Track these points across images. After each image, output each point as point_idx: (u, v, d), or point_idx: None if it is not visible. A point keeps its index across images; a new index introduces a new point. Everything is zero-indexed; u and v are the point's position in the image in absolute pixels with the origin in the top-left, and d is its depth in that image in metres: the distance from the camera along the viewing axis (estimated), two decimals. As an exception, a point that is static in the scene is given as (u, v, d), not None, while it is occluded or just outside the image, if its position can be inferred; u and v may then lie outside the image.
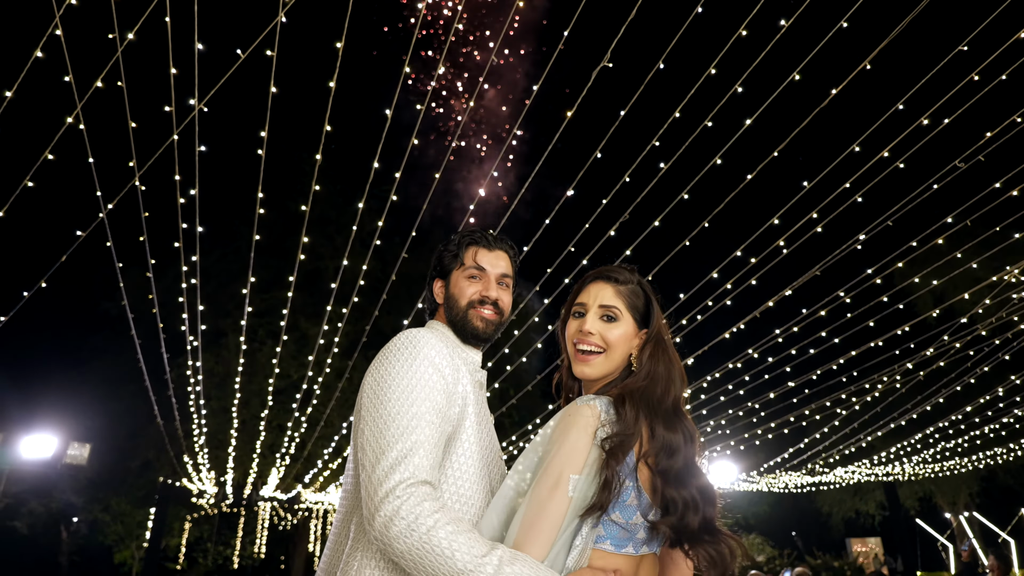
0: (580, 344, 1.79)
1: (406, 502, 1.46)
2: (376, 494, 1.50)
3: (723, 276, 6.54)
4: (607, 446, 1.53)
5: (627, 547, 1.54)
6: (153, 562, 15.78)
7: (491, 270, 2.00)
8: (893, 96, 4.74)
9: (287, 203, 19.11)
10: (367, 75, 26.12)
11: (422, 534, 1.42)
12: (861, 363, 9.11)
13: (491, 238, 2.06)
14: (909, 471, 18.26)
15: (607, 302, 1.80)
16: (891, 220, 5.85)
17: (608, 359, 1.77)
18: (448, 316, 2.00)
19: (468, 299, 1.96)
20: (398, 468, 1.52)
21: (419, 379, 1.67)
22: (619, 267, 1.90)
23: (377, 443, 1.58)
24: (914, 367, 9.20)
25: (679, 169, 5.36)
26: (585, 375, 1.78)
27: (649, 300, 1.86)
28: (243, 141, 7.97)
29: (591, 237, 5.89)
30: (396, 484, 1.49)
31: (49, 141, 4.11)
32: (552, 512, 1.47)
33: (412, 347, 1.74)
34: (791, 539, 28.21)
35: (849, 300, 7.03)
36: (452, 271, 2.03)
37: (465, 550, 1.40)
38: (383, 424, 1.60)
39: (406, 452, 1.55)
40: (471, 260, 2.00)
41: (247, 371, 15.84)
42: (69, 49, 3.71)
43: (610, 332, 1.77)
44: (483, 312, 1.96)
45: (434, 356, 1.73)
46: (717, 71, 4.53)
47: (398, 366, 1.70)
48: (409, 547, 1.42)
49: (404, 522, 1.43)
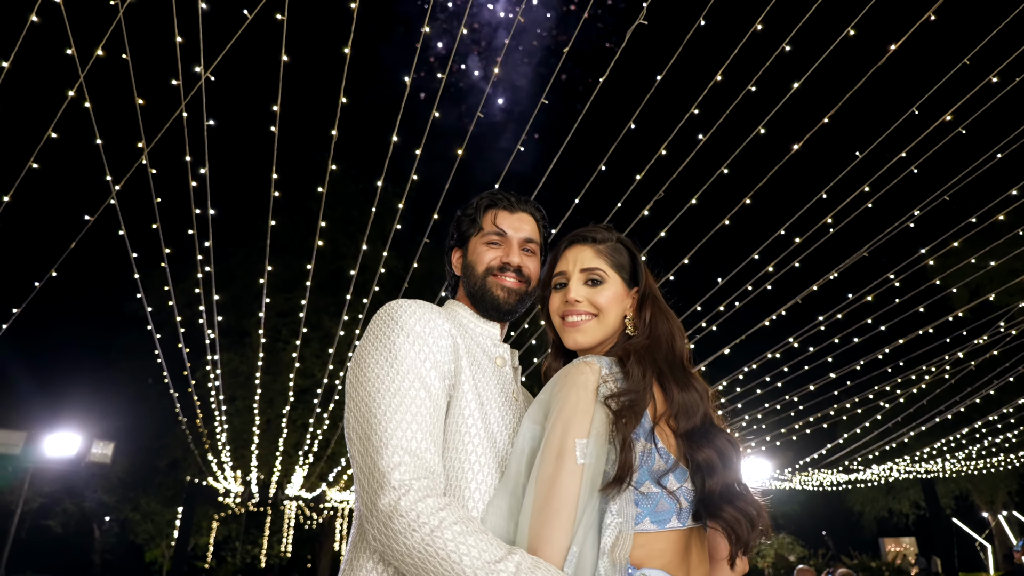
0: (568, 315, 1.62)
1: (404, 496, 1.26)
2: (369, 488, 1.31)
3: (764, 258, 6.12)
4: (613, 405, 1.36)
5: (671, 521, 1.34)
6: (182, 561, 15.99)
7: (513, 234, 1.78)
8: (960, 51, 4.27)
9: (308, 203, 19.23)
10: (384, 45, 26.01)
11: (424, 535, 1.22)
12: (908, 352, 8.60)
13: (513, 199, 1.84)
14: (951, 468, 17.66)
15: (589, 264, 1.63)
16: (948, 194, 5.39)
17: (601, 323, 1.60)
18: (466, 288, 1.80)
19: (486, 266, 1.75)
20: (388, 460, 1.31)
21: (397, 352, 1.47)
22: (595, 226, 1.73)
23: (365, 431, 1.38)
24: (965, 356, 8.68)
25: (718, 140, 4.97)
26: (579, 343, 1.61)
27: (634, 255, 1.70)
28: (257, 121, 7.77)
29: (624, 216, 5.54)
30: (388, 477, 1.29)
31: (52, 118, 3.90)
32: (564, 487, 1.28)
33: (388, 318, 1.54)
34: (822, 539, 27.62)
35: (899, 284, 6.57)
36: (471, 238, 1.82)
37: (475, 554, 1.20)
38: (366, 409, 1.40)
39: (391, 440, 1.34)
40: (490, 224, 1.79)
41: (270, 370, 15.93)
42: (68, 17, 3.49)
43: (599, 296, 1.60)
44: (504, 280, 1.74)
45: (413, 324, 1.52)
46: (763, 27, 4.13)
47: (375, 342, 1.51)
48: (409, 548, 1.23)
49: (403, 520, 1.24)
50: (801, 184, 5.70)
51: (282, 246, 17.96)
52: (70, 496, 22.53)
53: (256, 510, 22.74)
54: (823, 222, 5.70)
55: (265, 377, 14.43)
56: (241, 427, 15.66)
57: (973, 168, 5.16)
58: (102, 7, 3.57)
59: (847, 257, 6.08)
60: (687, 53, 4.30)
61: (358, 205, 20.26)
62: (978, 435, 13.83)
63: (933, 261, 6.24)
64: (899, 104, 4.76)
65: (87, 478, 20.63)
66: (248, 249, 19.00)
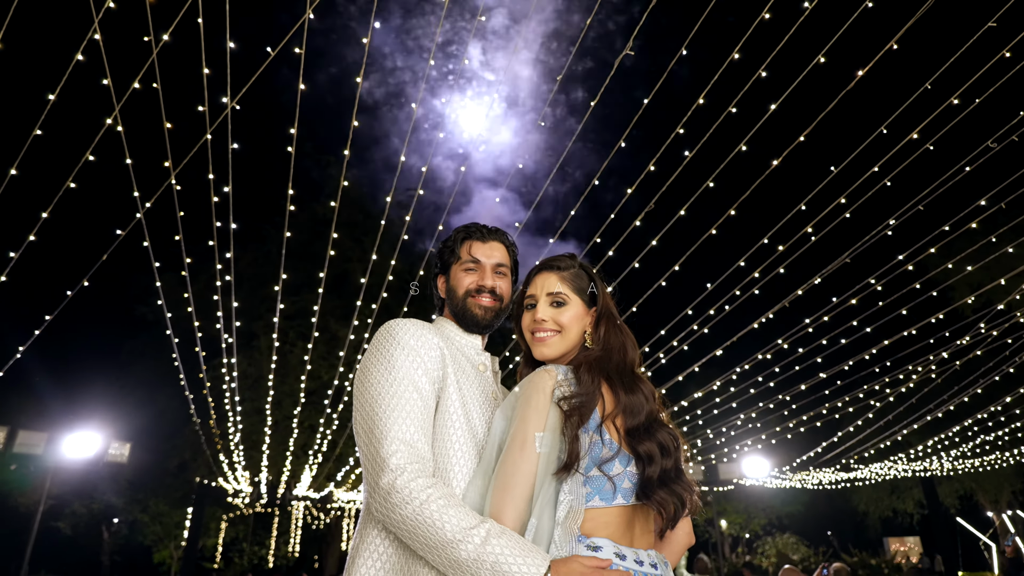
0: (536, 332, 1.91)
1: (400, 476, 1.58)
2: (373, 470, 1.64)
3: (751, 265, 6.48)
4: (564, 406, 1.66)
5: (616, 499, 1.63)
6: (191, 562, 16.17)
7: (486, 261, 2.10)
8: (921, 76, 4.64)
9: (315, 207, 19.52)
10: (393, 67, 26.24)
11: (416, 507, 1.54)
12: (894, 353, 8.93)
13: (485, 230, 2.17)
14: (948, 466, 17.81)
15: (553, 289, 1.92)
16: (922, 204, 5.74)
17: (564, 338, 1.89)
18: (450, 308, 2.12)
19: (465, 289, 2.07)
20: (387, 447, 1.64)
21: (393, 362, 1.79)
22: (560, 256, 2.03)
23: (368, 427, 1.71)
24: (950, 356, 8.99)
25: (704, 157, 5.34)
26: (545, 355, 1.89)
27: (593, 280, 1.99)
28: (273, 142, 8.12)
29: (616, 227, 5.90)
30: (386, 462, 1.62)
31: (89, 143, 4.28)
32: (523, 471, 1.60)
33: (386, 335, 1.87)
34: (826, 539, 27.72)
35: (880, 288, 6.91)
36: (451, 266, 2.14)
37: (455, 522, 1.52)
38: (370, 409, 1.73)
39: (389, 432, 1.67)
40: (467, 253, 2.11)
41: (279, 372, 16.16)
42: (107, 52, 3.85)
43: (562, 316, 1.90)
44: (481, 300, 2.06)
45: (407, 339, 1.85)
46: (741, 56, 4.50)
47: (376, 354, 1.83)
48: (404, 517, 1.55)
49: (399, 495, 1.56)
50: (782, 196, 6.05)
51: (289, 250, 18.22)
52: (79, 498, 22.67)
53: (264, 511, 22.95)
54: (803, 231, 6.05)
55: (274, 379, 14.70)
56: (250, 428, 15.91)
57: (943, 181, 5.51)
58: (138, 44, 3.94)
59: (828, 263, 6.42)
60: (672, 78, 4.66)
61: (363, 208, 20.52)
62: (970, 432, 14.05)
63: (912, 267, 6.56)
64: (869, 124, 5.13)
65: (101, 479, 20.83)
66: (256, 253, 19.24)
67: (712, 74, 4.63)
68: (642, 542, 1.69)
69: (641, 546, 1.67)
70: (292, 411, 15.55)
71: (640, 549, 1.65)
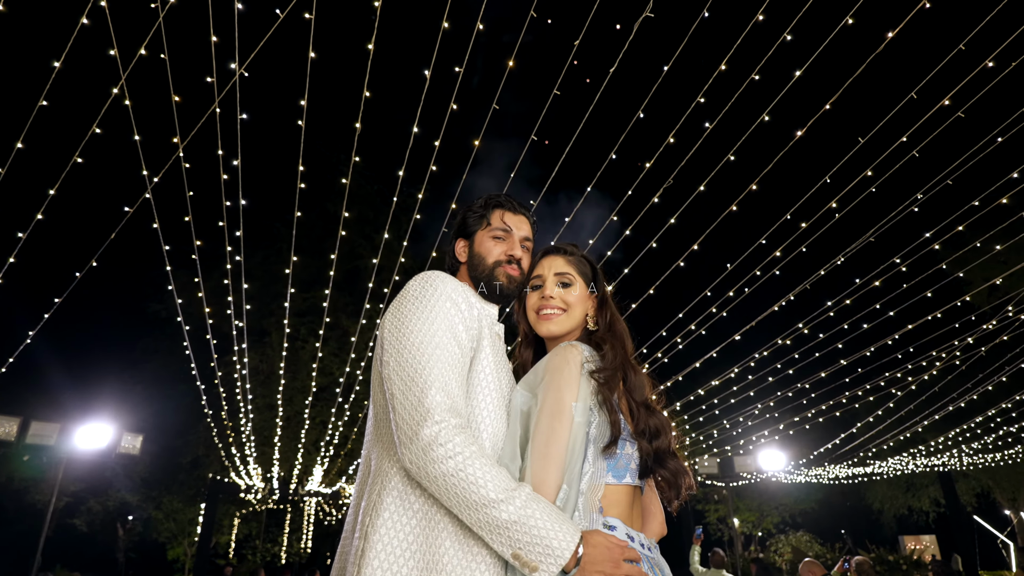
0: (543, 309, 1.98)
1: (444, 429, 1.53)
2: (412, 420, 1.57)
3: (772, 243, 6.29)
4: (600, 378, 1.73)
5: (626, 477, 1.70)
6: (204, 558, 16.23)
7: (516, 231, 2.09)
8: (955, 38, 4.43)
9: (325, 204, 19.58)
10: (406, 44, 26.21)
11: (459, 462, 1.50)
12: (918, 338, 8.69)
13: (516, 202, 2.16)
14: (967, 461, 17.51)
15: (561, 270, 2.01)
16: (951, 178, 5.53)
17: (569, 317, 1.97)
18: (472, 273, 2.07)
19: (496, 258, 2.04)
20: (432, 397, 1.59)
21: (438, 311, 1.75)
22: (563, 243, 2.13)
23: (410, 374, 1.64)
24: (975, 342, 8.75)
25: (724, 128, 5.15)
26: (551, 332, 1.96)
27: (594, 267, 2.09)
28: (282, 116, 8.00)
29: (634, 205, 5.73)
30: (431, 412, 1.56)
31: (95, 115, 4.18)
32: (561, 439, 1.63)
33: (429, 283, 1.83)
34: (840, 536, 27.42)
35: (906, 268, 6.70)
36: (476, 231, 2.10)
37: (498, 482, 1.50)
38: (411, 356, 1.67)
39: (434, 382, 1.62)
40: (498, 221, 2.08)
41: (290, 368, 16.21)
42: (112, 19, 3.76)
43: (568, 295, 1.99)
44: (509, 270, 2.03)
45: (449, 291, 1.81)
46: (764, 18, 4.32)
47: (417, 302, 1.78)
48: (445, 472, 1.50)
49: (443, 448, 1.51)
50: (806, 170, 5.85)
51: (299, 246, 18.32)
52: (93, 494, 22.95)
53: (276, 507, 23.04)
54: (828, 207, 5.85)
55: (285, 375, 14.76)
56: (261, 424, 15.97)
57: (973, 152, 5.29)
58: (143, 9, 3.84)
59: (853, 242, 6.22)
60: (692, 44, 4.49)
61: (374, 206, 20.63)
62: (992, 424, 13.77)
63: (939, 246, 6.34)
64: (898, 90, 4.92)
65: (114, 473, 21.05)
66: (267, 251, 19.43)
67: (735, 39, 4.45)
68: (638, 525, 1.77)
69: (639, 529, 1.75)
70: (303, 406, 15.58)
71: (640, 533, 1.72)
